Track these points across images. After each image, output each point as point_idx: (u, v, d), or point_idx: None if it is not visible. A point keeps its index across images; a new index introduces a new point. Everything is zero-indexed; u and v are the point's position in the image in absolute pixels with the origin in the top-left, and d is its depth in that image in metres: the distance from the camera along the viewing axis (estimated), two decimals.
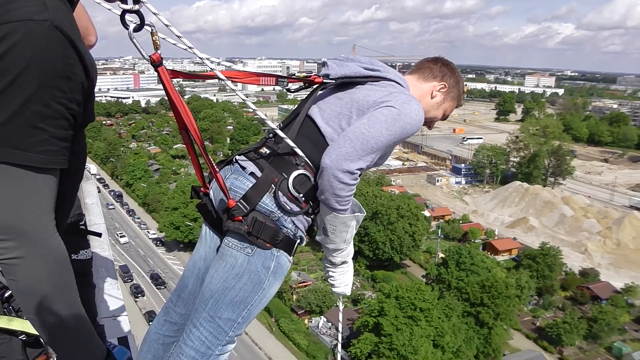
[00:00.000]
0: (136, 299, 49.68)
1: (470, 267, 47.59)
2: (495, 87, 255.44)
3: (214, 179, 2.09)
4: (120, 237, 64.03)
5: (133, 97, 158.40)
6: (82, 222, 3.03)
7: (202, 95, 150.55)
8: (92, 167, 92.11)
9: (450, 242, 64.12)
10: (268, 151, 2.10)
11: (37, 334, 1.54)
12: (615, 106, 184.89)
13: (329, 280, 2.42)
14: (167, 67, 1.76)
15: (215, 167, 1.95)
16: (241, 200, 1.98)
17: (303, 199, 2.03)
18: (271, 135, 2.18)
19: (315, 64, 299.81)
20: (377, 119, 2.01)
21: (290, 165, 2.04)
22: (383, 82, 2.19)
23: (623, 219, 73.78)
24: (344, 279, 2.39)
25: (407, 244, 56.92)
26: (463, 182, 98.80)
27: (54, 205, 1.32)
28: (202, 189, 2.23)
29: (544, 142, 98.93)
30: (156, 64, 1.69)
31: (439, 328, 38.16)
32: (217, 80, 1.99)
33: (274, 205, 2.00)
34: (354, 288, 53.03)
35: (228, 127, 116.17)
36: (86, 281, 3.22)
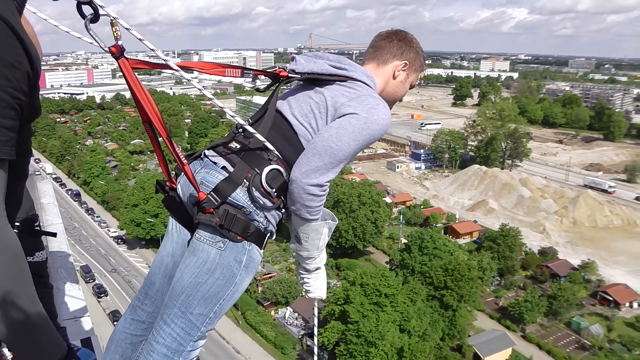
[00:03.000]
0: (99, 299, 48.81)
1: (432, 251, 48.21)
2: (452, 73, 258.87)
3: (182, 173, 2.08)
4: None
5: (87, 93, 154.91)
6: (37, 223, 2.93)
7: (159, 89, 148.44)
8: (47, 166, 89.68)
9: (412, 227, 64.86)
10: (238, 146, 2.08)
11: None
12: (567, 88, 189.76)
13: (304, 286, 2.44)
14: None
15: (184, 160, 1.91)
16: (212, 192, 1.96)
17: (275, 193, 2.02)
18: (240, 130, 2.15)
19: (272, 54, 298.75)
20: (345, 130, 2.02)
21: (263, 161, 2.03)
22: (350, 82, 2.18)
23: (578, 198, 75.96)
24: (318, 284, 2.42)
25: (370, 231, 57.34)
26: (423, 167, 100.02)
27: (4, 199, 1.26)
28: (167, 183, 2.18)
29: (500, 126, 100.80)
30: (117, 55, 1.64)
31: (404, 313, 38.62)
32: (173, 72, 1.94)
33: (247, 199, 1.99)
34: None
35: (186, 120, 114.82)
36: (43, 282, 3.13)
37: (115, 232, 65.89)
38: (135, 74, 1.73)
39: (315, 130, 2.10)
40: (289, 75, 2.22)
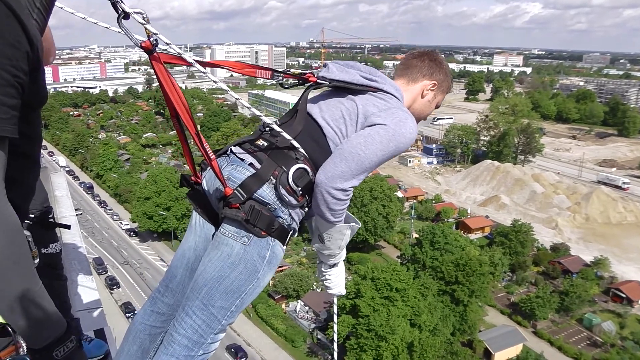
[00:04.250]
0: (112, 291, 49.21)
1: (444, 246, 48.12)
2: (464, 67, 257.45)
3: (208, 168, 2.14)
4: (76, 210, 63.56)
5: (100, 87, 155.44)
6: (50, 215, 2.97)
7: None
8: (60, 159, 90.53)
9: (424, 222, 64.74)
10: (266, 144, 2.12)
11: (4, 322, 1.49)
12: (581, 83, 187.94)
13: (324, 283, 2.57)
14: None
15: (212, 155, 1.95)
16: (238, 188, 2.00)
17: (300, 192, 2.06)
18: (267, 128, 2.19)
19: (284, 48, 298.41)
20: (373, 139, 2.07)
21: (290, 159, 2.07)
22: (380, 94, 2.24)
23: (591, 194, 75.37)
24: (338, 280, 2.54)
25: (381, 226, 57.33)
26: (435, 162, 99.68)
27: (4, 176, 1.27)
28: (192, 177, 2.22)
29: (513, 121, 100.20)
30: (149, 51, 1.67)
31: (415, 307, 38.60)
32: (185, 67, 1.97)
33: (273, 196, 2.02)
34: None
35: (198, 114, 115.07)
36: (57, 274, 3.17)
37: (128, 224, 66.33)
38: (167, 69, 1.76)
39: (344, 135, 2.16)
40: (318, 80, 2.28)
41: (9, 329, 1.63)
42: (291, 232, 2.13)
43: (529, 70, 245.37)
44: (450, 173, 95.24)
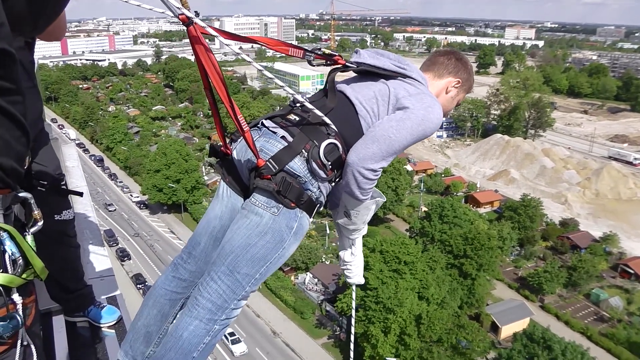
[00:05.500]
0: (122, 263, 49.81)
1: (453, 220, 48.15)
2: (476, 40, 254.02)
3: (239, 139, 2.23)
4: (109, 205, 64.31)
5: (109, 59, 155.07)
6: (63, 182, 3.00)
7: (180, 55, 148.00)
8: (70, 132, 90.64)
9: (433, 195, 64.74)
10: (297, 118, 2.19)
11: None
12: (594, 57, 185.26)
13: (345, 272, 2.73)
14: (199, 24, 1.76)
15: (245, 127, 1.99)
16: (270, 160, 2.06)
17: (330, 166, 2.13)
18: (297, 104, 2.26)
19: (294, 20, 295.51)
20: (404, 124, 2.17)
21: (322, 134, 2.14)
22: (409, 80, 2.33)
23: (602, 169, 74.92)
24: (358, 271, 2.70)
25: (390, 199, 57.34)
26: (444, 135, 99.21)
27: None
28: (222, 148, 2.27)
29: (524, 95, 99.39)
30: (186, 23, 1.71)
31: (423, 280, 38.79)
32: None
33: (304, 169, 2.09)
34: (337, 244, 53.58)
35: None
36: (70, 241, 3.21)
37: (138, 197, 66.80)
38: (204, 40, 1.79)
39: (376, 114, 2.24)
40: (347, 63, 2.36)
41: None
42: (318, 205, 2.20)
43: (541, 43, 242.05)
44: (460, 147, 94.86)
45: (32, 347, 1.56)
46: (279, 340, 40.90)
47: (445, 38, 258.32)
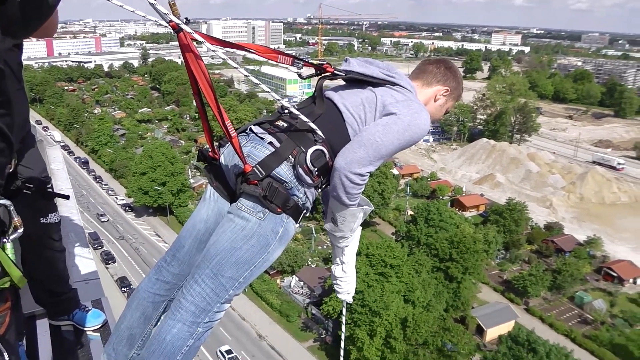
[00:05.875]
0: (107, 266, 49.39)
1: (439, 223, 48.27)
2: (462, 46, 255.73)
3: (227, 144, 2.24)
4: (101, 215, 62.46)
5: (95, 61, 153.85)
6: (49, 185, 2.99)
7: (167, 58, 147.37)
8: (55, 134, 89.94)
9: (419, 199, 64.95)
10: (285, 125, 2.21)
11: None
12: (579, 64, 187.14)
13: (335, 288, 2.77)
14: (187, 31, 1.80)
15: (233, 133, 2.02)
16: (257, 165, 2.08)
17: (317, 173, 2.16)
18: (286, 110, 2.28)
19: (281, 24, 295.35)
20: (391, 128, 2.19)
21: (309, 141, 2.17)
22: (397, 87, 2.36)
23: (586, 174, 75.66)
24: (348, 288, 2.75)
25: (377, 202, 57.42)
26: (431, 140, 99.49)
27: None
28: (210, 153, 2.29)
29: (510, 100, 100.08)
30: (176, 30, 1.77)
31: (409, 284, 38.89)
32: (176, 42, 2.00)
33: (291, 174, 2.11)
34: (324, 247, 53.61)
35: None
36: (55, 244, 3.20)
37: (123, 199, 66.34)
38: (194, 47, 1.83)
39: (363, 121, 2.27)
40: (335, 71, 2.38)
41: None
42: (304, 210, 2.21)
43: (527, 49, 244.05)
44: (446, 151, 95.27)
45: (5, 355, 1.55)
46: (264, 344, 40.77)
47: (433, 43, 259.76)
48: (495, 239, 51.85)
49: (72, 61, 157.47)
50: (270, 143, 2.15)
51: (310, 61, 2.33)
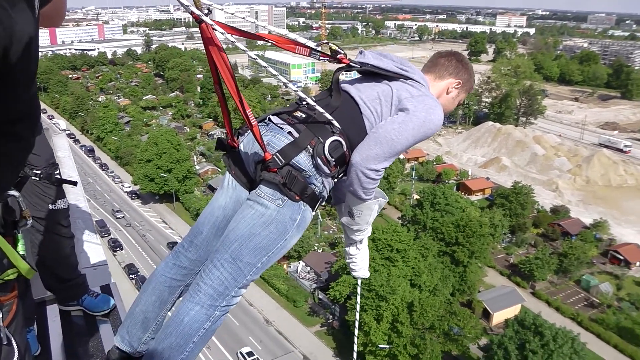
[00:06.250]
0: (115, 253, 49.70)
1: (444, 207, 48.26)
2: (467, 28, 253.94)
3: (246, 133, 2.31)
4: (116, 212, 60.53)
5: (98, 49, 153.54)
6: (57, 172, 3.01)
7: (170, 44, 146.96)
8: (61, 122, 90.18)
9: (425, 183, 64.85)
10: (304, 115, 2.27)
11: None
12: (585, 45, 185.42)
13: (350, 266, 2.81)
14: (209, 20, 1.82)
15: (254, 121, 2.06)
16: (277, 154, 2.14)
17: (334, 163, 2.20)
18: (304, 102, 2.33)
19: (284, 8, 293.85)
20: (406, 126, 2.25)
21: (327, 132, 2.21)
22: (411, 82, 2.40)
23: (592, 156, 75.27)
24: (363, 264, 2.78)
25: (382, 187, 56.90)
26: None
27: None
28: (229, 141, 2.34)
29: (515, 82, 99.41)
30: (198, 20, 1.80)
31: (415, 268, 38.98)
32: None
33: (309, 164, 2.17)
34: (331, 232, 53.76)
35: (198, 76, 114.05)
36: (64, 230, 3.22)
37: (129, 187, 66.56)
38: (217, 39, 1.87)
39: (379, 114, 2.32)
40: (351, 63, 2.40)
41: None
42: (321, 199, 2.27)
43: (532, 31, 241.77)
44: (452, 134, 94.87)
45: (14, 343, 1.56)
46: (271, 329, 41.06)
47: (437, 26, 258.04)
48: (501, 223, 51.81)
49: (76, 49, 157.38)
50: (290, 133, 2.21)
51: (327, 52, 2.35)
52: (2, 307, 1.50)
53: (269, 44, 2.19)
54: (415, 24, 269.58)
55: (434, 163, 74.23)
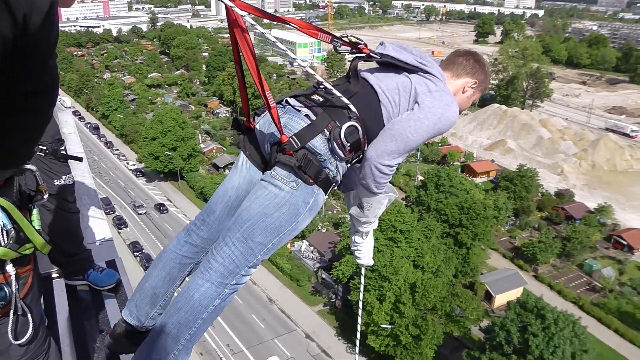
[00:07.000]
0: (119, 230, 50.00)
1: (449, 189, 48.23)
2: (475, 9, 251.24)
3: (263, 114, 2.33)
4: (138, 207, 56.76)
5: (104, 26, 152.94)
6: (63, 147, 3.02)
7: (176, 22, 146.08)
8: (66, 99, 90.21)
9: (430, 164, 64.86)
10: (321, 99, 2.29)
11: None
12: (594, 28, 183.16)
13: (355, 253, 2.84)
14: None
15: (272, 103, 2.06)
16: (293, 136, 2.15)
17: (349, 147, 2.22)
18: (321, 86, 2.35)
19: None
20: (422, 124, 2.28)
21: (344, 116, 2.23)
22: (429, 76, 2.42)
23: (598, 141, 74.87)
24: (367, 252, 2.82)
25: None
26: None
27: None
28: (245, 122, 2.35)
29: (522, 65, 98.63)
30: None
31: (418, 249, 39.09)
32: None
33: (325, 147, 2.19)
34: (335, 212, 53.85)
35: (203, 54, 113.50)
36: (69, 206, 3.24)
37: (134, 165, 66.72)
38: (242, 21, 1.90)
39: (397, 105, 2.35)
40: (371, 53, 2.42)
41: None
42: (334, 184, 2.29)
43: (541, 12, 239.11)
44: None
45: (29, 315, 1.58)
46: (275, 307, 41.38)
47: (445, 6, 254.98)
48: (506, 206, 51.81)
49: (81, 26, 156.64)
50: (307, 116, 2.22)
51: (348, 40, 2.37)
52: (18, 280, 1.52)
53: (286, 25, 2.19)
54: (423, 4, 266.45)
55: (439, 144, 73.98)
